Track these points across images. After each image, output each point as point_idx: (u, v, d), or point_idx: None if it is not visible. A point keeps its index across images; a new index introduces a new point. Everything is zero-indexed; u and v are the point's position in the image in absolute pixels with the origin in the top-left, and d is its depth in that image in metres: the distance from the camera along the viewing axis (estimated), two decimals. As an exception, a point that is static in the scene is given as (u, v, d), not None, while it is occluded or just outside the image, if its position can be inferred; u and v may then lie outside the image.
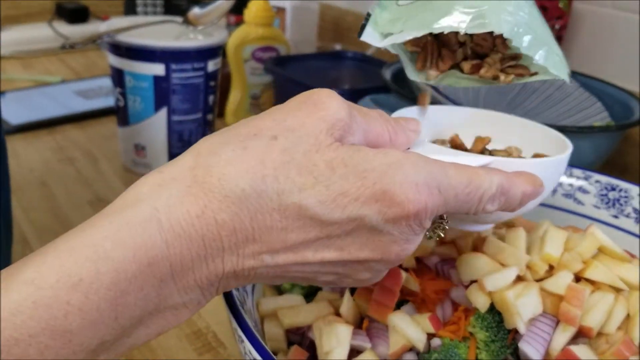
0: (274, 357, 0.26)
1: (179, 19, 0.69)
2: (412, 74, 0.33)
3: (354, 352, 0.32)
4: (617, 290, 0.34)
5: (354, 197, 0.23)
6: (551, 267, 0.34)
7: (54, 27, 1.10)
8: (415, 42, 0.32)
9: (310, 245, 0.24)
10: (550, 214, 0.48)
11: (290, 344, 0.35)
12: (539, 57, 0.29)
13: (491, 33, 0.29)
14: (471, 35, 0.31)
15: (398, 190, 0.23)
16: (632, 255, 0.36)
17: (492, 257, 0.33)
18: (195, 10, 0.69)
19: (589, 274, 0.33)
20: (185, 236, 0.22)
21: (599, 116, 0.64)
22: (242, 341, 0.27)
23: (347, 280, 0.26)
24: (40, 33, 1.09)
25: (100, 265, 0.21)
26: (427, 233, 0.28)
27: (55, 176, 0.66)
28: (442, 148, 0.29)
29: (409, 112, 0.35)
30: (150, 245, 0.21)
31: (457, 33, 0.31)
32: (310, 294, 0.38)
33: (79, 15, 1.14)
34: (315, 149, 0.23)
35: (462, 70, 0.32)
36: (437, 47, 0.32)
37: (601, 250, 0.35)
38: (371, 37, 0.33)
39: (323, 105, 0.24)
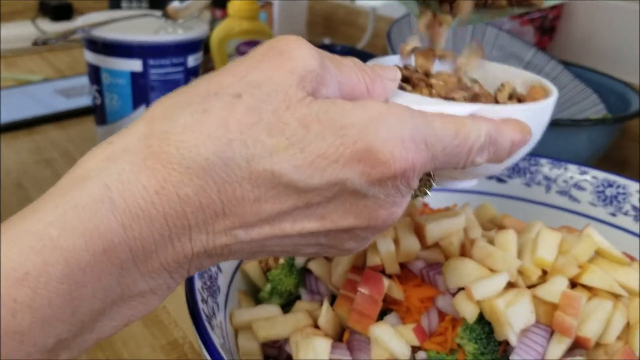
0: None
1: (158, 12, 0.66)
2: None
3: (334, 366, 0.30)
4: (616, 296, 0.31)
5: (333, 159, 0.20)
6: (544, 272, 0.31)
7: (38, 25, 1.08)
8: None
9: (288, 216, 0.21)
10: (544, 212, 0.46)
11: (266, 358, 0.33)
12: None
13: None
14: None
15: (382, 147, 0.21)
16: (631, 258, 0.34)
17: (480, 261, 0.31)
18: (175, 4, 0.66)
19: (585, 280, 0.31)
20: (144, 216, 0.19)
21: (595, 108, 0.62)
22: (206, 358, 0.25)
23: (331, 250, 0.24)
24: (23, 31, 1.06)
25: (48, 255, 0.18)
26: (414, 192, 0.25)
27: (32, 179, 0.64)
28: (424, 97, 0.27)
29: (388, 61, 0.32)
30: (104, 230, 0.19)
31: None
32: (288, 303, 0.35)
33: (62, 13, 1.12)
34: (285, 106, 0.21)
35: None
36: None
37: (598, 253, 0.33)
38: None
39: (291, 55, 0.21)
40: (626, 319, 0.30)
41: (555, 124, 0.54)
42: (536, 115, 0.28)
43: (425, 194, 0.25)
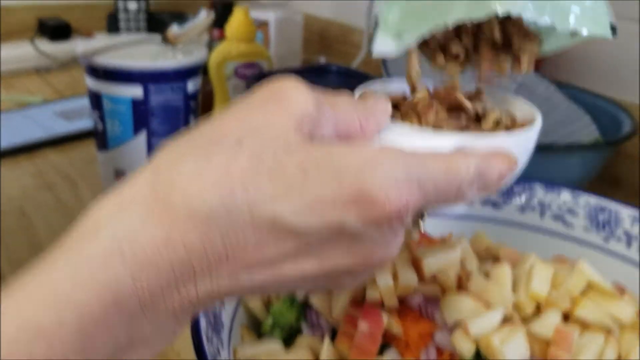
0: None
1: (157, 37, 0.67)
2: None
3: (335, 400, 0.31)
4: (607, 329, 0.32)
5: (330, 202, 0.21)
6: (538, 306, 0.32)
7: (36, 45, 1.09)
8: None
9: (289, 258, 0.22)
10: (538, 238, 0.47)
11: (269, 391, 0.34)
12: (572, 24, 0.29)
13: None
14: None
15: (377, 189, 0.21)
16: (621, 289, 0.35)
17: (477, 296, 0.32)
18: (174, 29, 0.67)
19: (578, 313, 0.32)
20: (151, 266, 0.20)
21: (588, 129, 0.63)
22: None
23: (329, 287, 0.25)
24: (22, 52, 1.07)
25: (62, 310, 0.19)
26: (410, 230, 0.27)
27: (34, 204, 0.64)
28: (413, 128, 0.27)
29: (390, 86, 0.33)
30: (115, 282, 0.20)
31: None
32: (289, 336, 0.36)
33: (61, 32, 1.12)
34: (284, 151, 0.21)
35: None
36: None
37: (590, 286, 0.34)
38: (384, 45, 0.31)
39: (289, 100, 0.23)
40: (617, 352, 0.31)
41: (549, 149, 0.55)
42: (522, 143, 0.29)
43: (418, 226, 0.26)
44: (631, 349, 0.31)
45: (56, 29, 1.12)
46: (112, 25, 1.10)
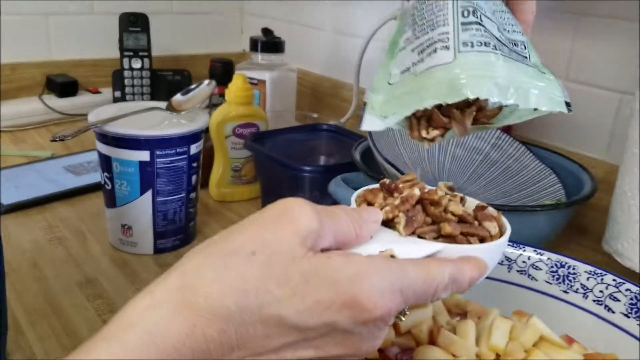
0: None
1: (163, 105, 0.73)
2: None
3: None
4: (557, 374, 0.38)
5: (327, 306, 0.26)
6: (498, 356, 0.38)
7: (45, 100, 1.15)
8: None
9: (290, 347, 0.27)
10: (506, 289, 0.53)
11: None
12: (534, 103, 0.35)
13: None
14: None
15: (366, 298, 0.26)
16: (571, 340, 0.40)
17: (445, 348, 0.37)
18: (178, 97, 0.74)
19: (530, 362, 0.37)
20: (177, 354, 0.25)
21: (553, 188, 0.69)
22: None
23: None
24: (31, 107, 1.14)
25: None
26: (396, 321, 0.31)
27: (45, 257, 0.69)
28: (398, 237, 0.32)
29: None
30: None
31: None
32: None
33: (68, 89, 1.19)
34: (290, 262, 0.26)
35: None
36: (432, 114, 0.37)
37: (542, 338, 0.39)
38: (371, 124, 0.38)
39: (296, 220, 0.27)
40: (565, 394, 0.37)
41: (517, 210, 0.61)
42: (492, 253, 0.34)
43: (400, 319, 0.31)
44: (576, 392, 0.36)
45: (64, 85, 1.19)
46: (117, 81, 1.17)
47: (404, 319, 0.31)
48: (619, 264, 0.61)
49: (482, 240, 0.34)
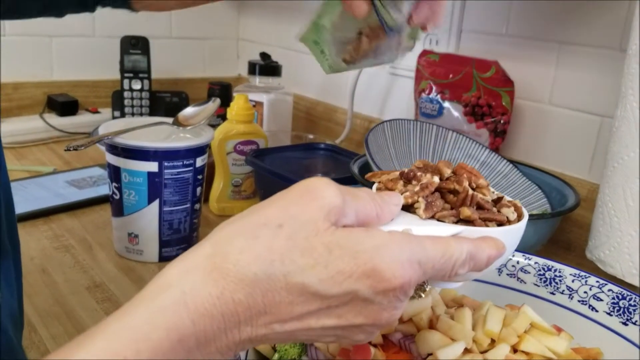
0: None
1: (169, 120, 0.77)
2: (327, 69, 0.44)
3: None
4: (548, 359, 0.41)
5: (348, 275, 0.28)
6: (493, 340, 0.41)
7: (45, 119, 1.18)
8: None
9: (313, 315, 0.28)
10: (497, 291, 0.56)
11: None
12: None
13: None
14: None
15: (386, 268, 0.28)
16: (559, 329, 0.44)
17: (444, 333, 0.41)
18: (184, 113, 0.78)
19: (523, 346, 0.41)
20: (208, 315, 0.27)
21: (539, 202, 0.74)
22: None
23: (345, 340, 0.31)
24: (32, 125, 1.17)
25: (141, 345, 0.25)
26: (411, 297, 0.32)
27: (54, 263, 0.72)
28: (418, 220, 0.33)
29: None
30: (181, 325, 0.26)
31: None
32: (295, 370, 0.44)
33: (69, 108, 1.22)
34: (314, 234, 0.28)
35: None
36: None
37: (533, 326, 0.43)
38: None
39: (321, 195, 0.29)
40: (554, 376, 0.40)
41: (505, 217, 0.65)
42: (509, 235, 0.34)
43: (420, 296, 0.33)
44: (564, 374, 0.40)
45: (64, 105, 1.22)
46: (117, 102, 1.20)
47: (423, 295, 0.33)
48: (602, 271, 0.65)
49: (500, 225, 0.35)
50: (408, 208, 0.34)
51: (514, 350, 0.41)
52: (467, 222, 0.34)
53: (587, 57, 0.84)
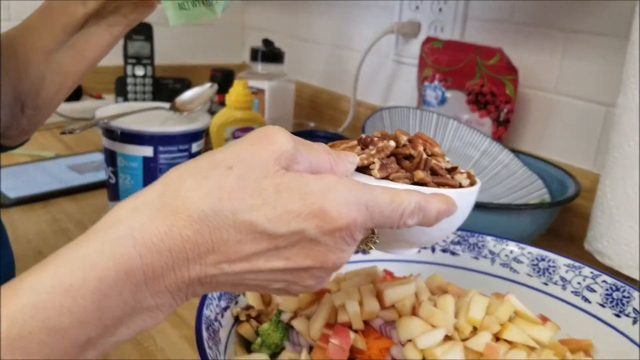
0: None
1: (166, 105, 0.77)
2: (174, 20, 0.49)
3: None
4: (532, 348, 0.40)
5: (296, 214, 0.28)
6: (475, 328, 0.40)
7: (49, 104, 1.18)
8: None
9: (262, 256, 0.28)
10: (489, 281, 0.55)
11: (256, 398, 0.41)
12: None
13: None
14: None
15: (332, 208, 0.28)
16: (545, 319, 0.43)
17: (425, 319, 0.40)
18: (181, 98, 0.77)
19: (505, 335, 0.40)
20: (155, 249, 0.27)
21: (539, 192, 0.72)
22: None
23: (295, 287, 0.31)
24: (36, 110, 1.17)
25: (87, 273, 0.25)
26: (361, 246, 0.33)
27: (50, 246, 0.72)
28: (372, 180, 0.34)
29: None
30: (127, 257, 0.26)
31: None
32: (275, 354, 0.43)
33: (72, 94, 1.22)
34: (264, 176, 0.28)
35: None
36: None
37: (518, 315, 0.42)
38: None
39: (272, 140, 0.29)
40: (537, 365, 0.39)
41: (503, 208, 0.64)
42: (461, 198, 0.35)
43: (370, 248, 0.33)
44: (548, 364, 0.39)
45: (69, 91, 1.22)
46: (120, 88, 1.20)
47: (373, 247, 0.32)
48: (600, 263, 0.64)
49: None
50: (364, 170, 0.35)
51: (497, 338, 0.40)
52: (421, 185, 0.34)
53: (594, 45, 0.82)
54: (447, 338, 0.39)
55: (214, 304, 0.43)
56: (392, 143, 0.36)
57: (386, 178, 0.34)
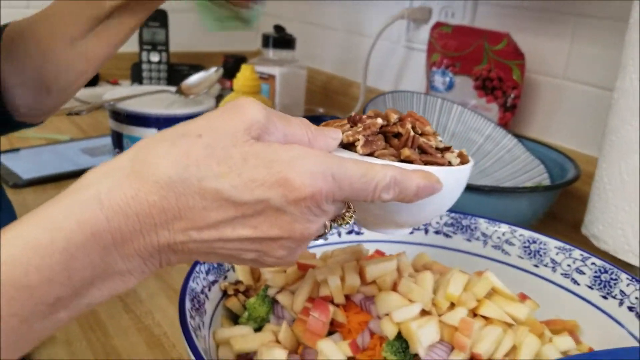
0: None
1: (172, 89, 0.78)
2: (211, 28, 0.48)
3: (290, 373, 0.39)
4: (509, 325, 0.41)
5: (261, 183, 0.28)
6: (452, 304, 0.41)
7: (67, 89, 1.21)
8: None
9: (229, 224, 0.29)
10: (481, 263, 0.56)
11: (240, 367, 0.42)
12: None
13: None
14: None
15: (296, 177, 0.28)
16: (525, 297, 0.43)
17: (404, 295, 0.41)
18: (187, 81, 0.79)
19: (481, 311, 0.40)
20: (122, 213, 0.27)
21: (541, 177, 0.72)
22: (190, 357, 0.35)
23: (267, 258, 0.31)
24: (54, 95, 1.20)
25: (55, 233, 0.26)
26: (338, 221, 0.32)
27: (58, 225, 0.74)
28: (357, 156, 0.33)
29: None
30: (94, 220, 0.27)
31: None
32: (261, 328, 0.45)
33: (90, 80, 1.25)
34: (232, 144, 0.28)
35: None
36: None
37: (495, 291, 0.42)
38: None
39: (244, 110, 0.29)
40: (513, 341, 0.39)
41: (498, 191, 0.64)
42: (449, 176, 0.34)
43: (347, 223, 0.32)
44: (524, 340, 0.39)
45: (86, 77, 1.25)
46: (136, 74, 1.22)
47: (350, 222, 0.32)
48: (598, 248, 0.64)
49: None
50: (349, 147, 0.34)
51: (474, 314, 0.41)
52: (408, 163, 0.33)
53: (603, 30, 0.81)
54: (425, 313, 0.40)
55: (201, 277, 0.44)
56: (380, 120, 0.35)
57: (371, 155, 0.34)
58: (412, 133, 0.35)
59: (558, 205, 0.76)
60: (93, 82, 1.26)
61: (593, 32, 0.82)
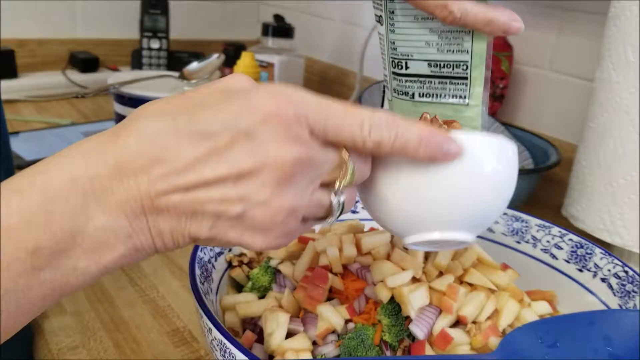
0: (223, 326, 0.37)
1: (175, 74, 0.81)
2: None
3: (291, 334, 0.43)
4: (492, 291, 0.45)
5: (227, 110, 0.28)
6: (441, 272, 0.45)
7: (67, 75, 1.24)
8: None
9: (205, 162, 0.28)
10: (468, 239, 0.60)
11: (244, 330, 0.46)
12: None
13: None
14: None
15: (259, 96, 0.28)
16: (507, 267, 0.47)
17: (397, 263, 0.45)
18: (190, 67, 0.82)
19: (467, 278, 0.44)
20: (101, 158, 0.27)
21: (526, 162, 0.76)
22: (202, 317, 0.38)
23: (253, 210, 0.29)
24: (54, 80, 1.22)
25: (35, 177, 0.27)
26: (338, 182, 0.31)
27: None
28: None
29: None
30: (74, 165, 0.27)
31: None
32: (264, 296, 0.48)
33: (90, 65, 1.28)
34: (212, 92, 0.29)
35: None
36: None
37: (480, 261, 0.46)
38: None
39: (230, 79, 0.30)
40: (495, 305, 0.43)
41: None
42: (485, 147, 0.32)
43: (352, 178, 0.31)
44: (505, 304, 0.43)
45: (86, 62, 1.27)
46: (136, 60, 1.25)
47: (355, 177, 0.31)
48: (576, 228, 0.68)
49: None
50: None
51: (460, 281, 0.45)
52: None
53: (588, 24, 0.85)
54: (415, 280, 0.44)
55: (208, 248, 0.47)
56: None
57: None
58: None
59: (541, 190, 0.80)
60: (93, 67, 1.28)
61: (578, 26, 0.86)
